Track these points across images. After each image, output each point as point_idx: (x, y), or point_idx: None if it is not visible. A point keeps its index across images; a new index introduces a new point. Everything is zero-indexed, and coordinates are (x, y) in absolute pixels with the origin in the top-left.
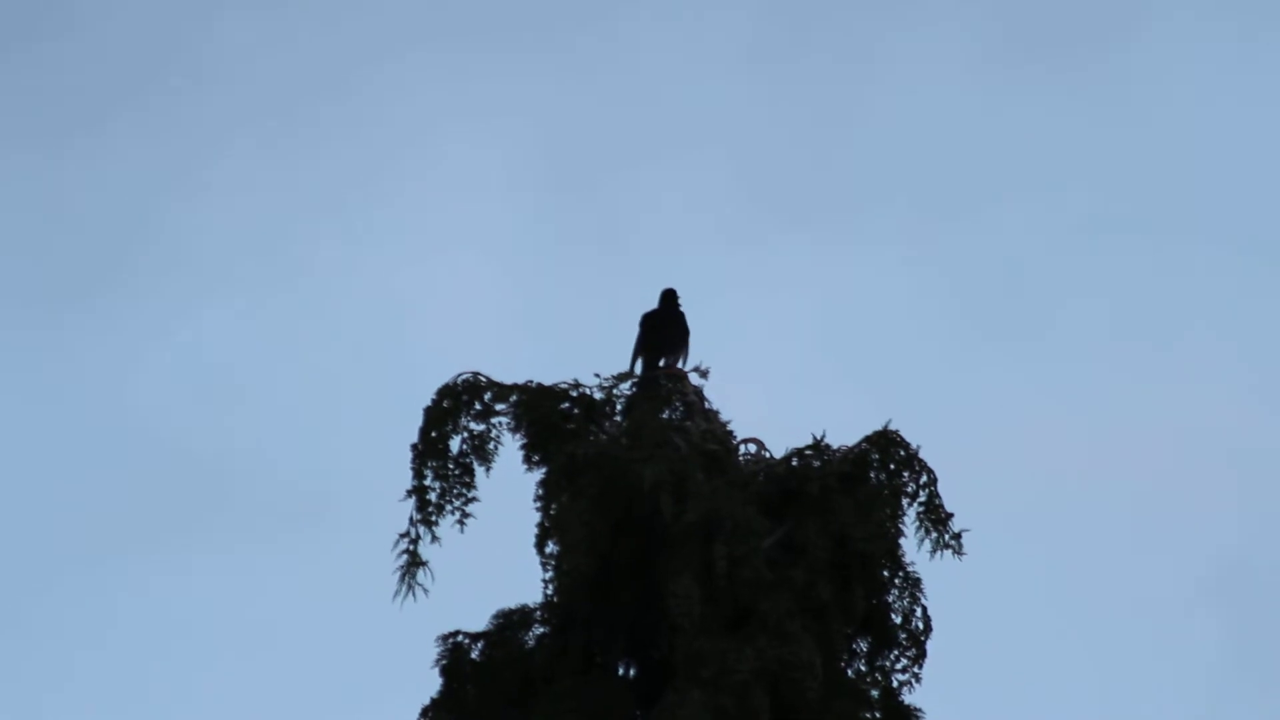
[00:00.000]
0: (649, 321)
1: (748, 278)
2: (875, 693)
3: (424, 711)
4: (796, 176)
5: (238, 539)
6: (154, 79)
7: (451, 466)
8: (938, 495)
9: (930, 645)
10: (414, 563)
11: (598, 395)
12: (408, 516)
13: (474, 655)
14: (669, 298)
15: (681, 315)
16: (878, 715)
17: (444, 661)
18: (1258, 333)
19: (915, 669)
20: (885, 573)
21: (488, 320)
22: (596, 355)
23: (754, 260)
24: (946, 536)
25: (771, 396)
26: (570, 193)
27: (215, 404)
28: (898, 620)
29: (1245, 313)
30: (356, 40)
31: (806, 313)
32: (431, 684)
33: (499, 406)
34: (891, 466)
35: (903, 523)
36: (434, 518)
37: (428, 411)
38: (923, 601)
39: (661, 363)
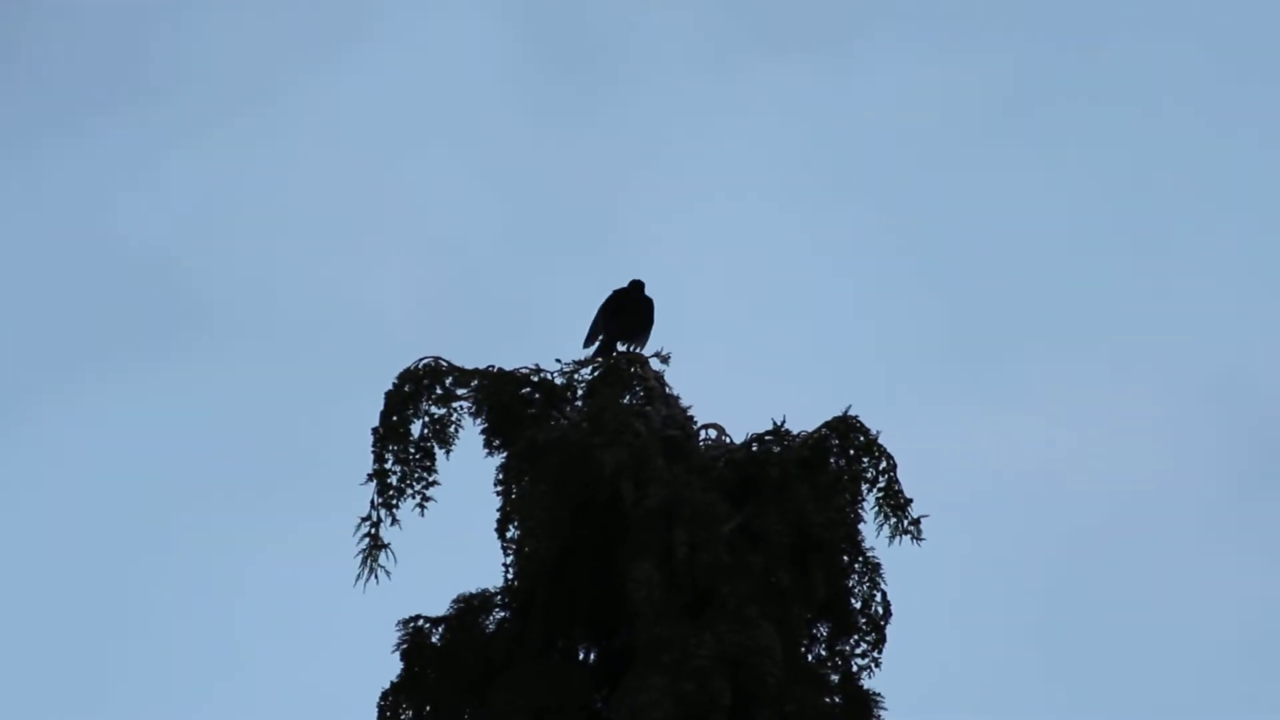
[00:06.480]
0: (614, 303)
1: (732, 104)
2: (835, 677)
3: (384, 695)
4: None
5: (211, 364)
6: None
7: (412, 450)
8: (897, 481)
9: (890, 630)
10: (376, 545)
11: (558, 380)
12: (369, 500)
13: (434, 639)
14: (638, 286)
15: (649, 302)
16: (837, 700)
17: (404, 646)
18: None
19: (875, 654)
20: (845, 558)
21: (471, 155)
22: (572, 199)
23: (739, 87)
24: (905, 522)
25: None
26: (551, 20)
27: (198, 232)
28: (857, 605)
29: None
30: None
31: (796, 139)
32: (392, 668)
33: (460, 391)
34: (851, 452)
35: (862, 508)
36: (395, 501)
37: (389, 396)
38: (882, 587)
39: (622, 347)
